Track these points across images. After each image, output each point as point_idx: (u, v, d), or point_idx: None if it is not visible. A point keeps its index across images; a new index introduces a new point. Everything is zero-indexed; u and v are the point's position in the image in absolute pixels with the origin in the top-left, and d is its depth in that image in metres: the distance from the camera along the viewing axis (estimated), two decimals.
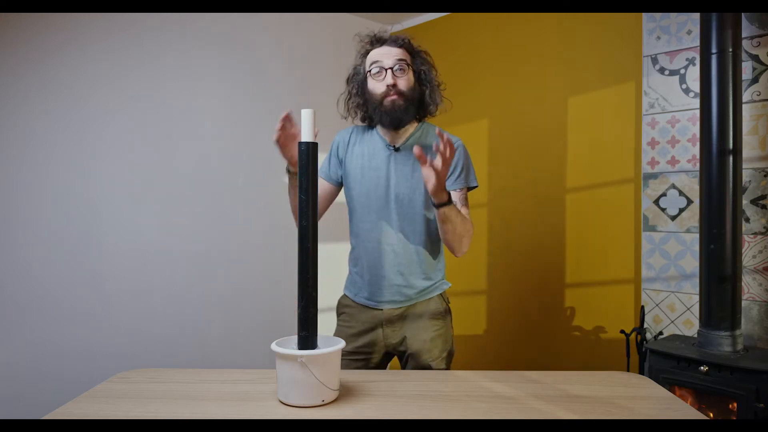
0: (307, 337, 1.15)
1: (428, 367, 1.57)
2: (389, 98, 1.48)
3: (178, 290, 2.50)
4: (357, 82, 1.57)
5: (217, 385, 1.27)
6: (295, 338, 1.17)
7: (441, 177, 1.32)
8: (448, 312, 1.64)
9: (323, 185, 1.64)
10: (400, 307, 1.58)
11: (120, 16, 2.30)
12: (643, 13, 2.36)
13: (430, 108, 1.57)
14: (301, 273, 1.16)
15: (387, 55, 1.49)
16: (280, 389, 1.14)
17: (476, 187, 1.61)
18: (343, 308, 1.67)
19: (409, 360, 1.59)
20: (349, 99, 1.60)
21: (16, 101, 2.05)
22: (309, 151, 1.15)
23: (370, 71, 1.51)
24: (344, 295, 1.69)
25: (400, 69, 1.49)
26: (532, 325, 2.79)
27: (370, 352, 1.60)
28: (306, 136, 1.16)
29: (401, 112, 1.48)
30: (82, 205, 2.22)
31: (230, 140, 2.68)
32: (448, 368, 1.62)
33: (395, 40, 1.52)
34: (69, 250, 2.18)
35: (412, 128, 1.57)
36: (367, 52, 1.54)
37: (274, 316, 2.82)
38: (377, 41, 1.53)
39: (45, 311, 2.12)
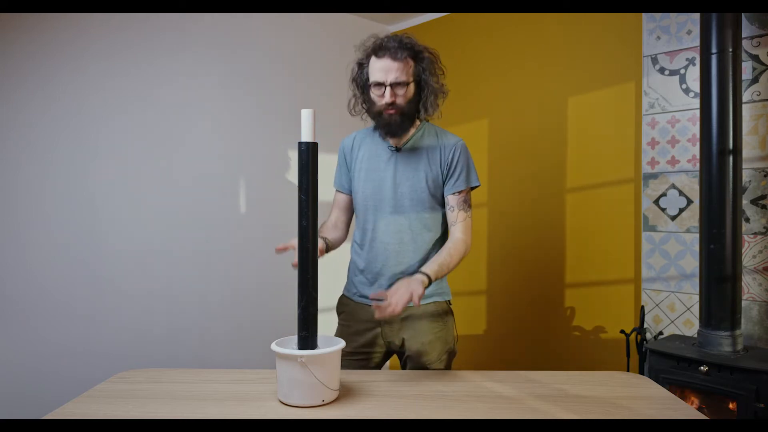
0: (307, 337, 1.15)
1: (426, 369, 1.57)
2: (387, 112, 1.52)
3: (178, 290, 2.50)
4: (361, 86, 1.59)
5: (217, 385, 1.27)
6: (295, 338, 1.18)
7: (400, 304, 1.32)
8: (448, 313, 1.64)
9: (343, 198, 1.69)
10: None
11: (120, 17, 2.30)
12: (643, 13, 2.36)
13: (426, 113, 1.60)
14: (301, 273, 1.16)
15: (388, 71, 1.48)
16: (280, 389, 1.14)
17: (478, 186, 1.65)
18: (342, 307, 1.70)
19: (407, 361, 1.61)
20: (355, 103, 1.63)
21: (16, 101, 2.05)
22: (309, 151, 1.16)
23: (371, 83, 1.53)
24: (343, 294, 1.72)
25: (399, 85, 1.50)
26: (533, 325, 2.79)
27: (370, 352, 1.62)
28: (306, 136, 1.16)
29: (396, 126, 1.54)
30: (82, 205, 2.22)
31: (230, 140, 2.68)
32: (448, 368, 1.63)
33: (397, 50, 1.49)
34: (69, 250, 2.18)
35: (413, 129, 1.61)
36: (370, 56, 1.54)
37: (274, 316, 2.82)
38: (380, 48, 1.51)
39: (45, 311, 2.12)
